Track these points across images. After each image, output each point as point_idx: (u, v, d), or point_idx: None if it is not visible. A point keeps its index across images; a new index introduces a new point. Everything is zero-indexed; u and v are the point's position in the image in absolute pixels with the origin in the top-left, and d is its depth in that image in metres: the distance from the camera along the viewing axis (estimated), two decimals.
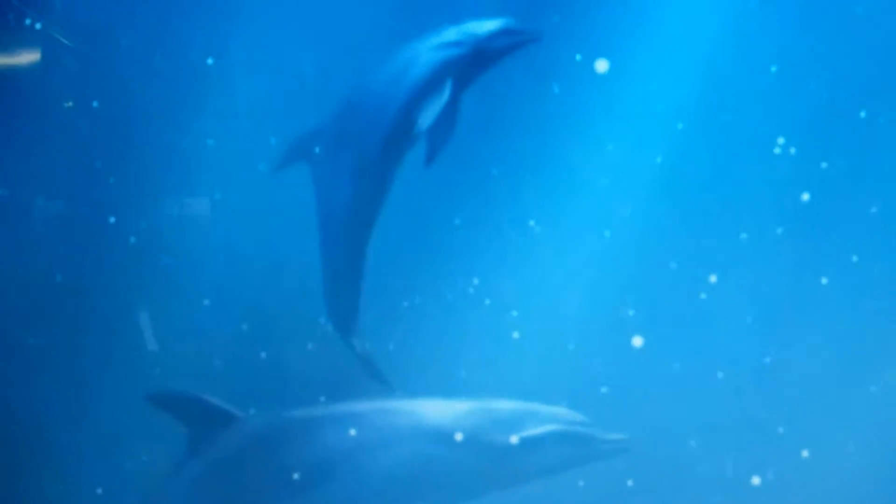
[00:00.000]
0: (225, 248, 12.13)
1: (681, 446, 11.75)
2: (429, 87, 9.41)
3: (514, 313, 11.99)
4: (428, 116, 9.32)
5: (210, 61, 11.97)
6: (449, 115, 9.40)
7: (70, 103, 12.38)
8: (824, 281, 12.17)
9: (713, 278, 11.99)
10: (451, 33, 9.51)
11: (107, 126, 12.24)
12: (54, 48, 12.39)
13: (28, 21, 12.26)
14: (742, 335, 12.14)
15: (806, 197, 12.06)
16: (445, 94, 9.35)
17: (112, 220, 12.22)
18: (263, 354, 11.59)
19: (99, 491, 10.77)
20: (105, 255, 12.16)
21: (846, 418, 11.74)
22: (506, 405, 9.41)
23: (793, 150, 12.15)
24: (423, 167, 9.57)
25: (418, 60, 9.50)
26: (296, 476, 9.06)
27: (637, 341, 11.36)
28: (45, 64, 12.45)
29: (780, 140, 12.13)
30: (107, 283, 11.99)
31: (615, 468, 10.04)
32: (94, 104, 12.30)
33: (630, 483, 11.07)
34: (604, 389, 11.42)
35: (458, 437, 9.15)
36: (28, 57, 12.45)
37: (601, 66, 11.29)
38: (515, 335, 11.74)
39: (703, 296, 12.05)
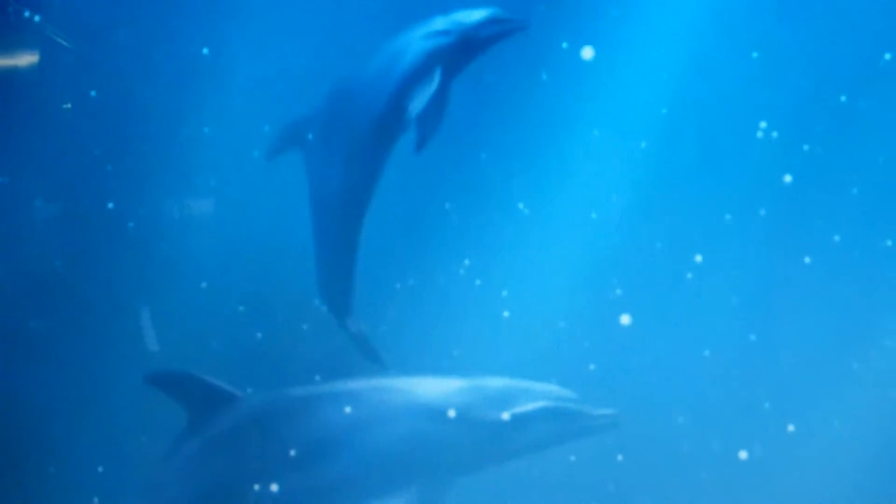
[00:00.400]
0: (222, 232, 12.20)
1: (669, 422, 11.80)
2: (419, 75, 9.48)
3: (505, 293, 12.03)
4: (418, 104, 9.41)
5: (206, 51, 12.04)
6: (438, 102, 9.49)
7: (68, 97, 12.40)
8: (807, 261, 12.21)
9: (698, 259, 12.06)
10: (440, 22, 9.59)
11: (104, 118, 12.25)
12: (52, 44, 12.47)
13: (26, 17, 12.26)
14: (727, 314, 12.19)
15: (788, 179, 12.15)
16: (435, 81, 9.43)
17: (111, 207, 12.30)
18: (260, 335, 11.67)
19: (100, 470, 10.88)
20: (104, 241, 12.22)
21: (830, 395, 11.82)
22: (497, 383, 9.51)
23: (775, 134, 12.23)
24: (414, 153, 9.71)
25: (408, 49, 9.58)
26: (293, 453, 9.17)
27: (625, 320, 11.41)
28: (42, 60, 12.52)
29: (763, 124, 12.21)
30: (106, 268, 12.03)
31: (605, 444, 10.08)
32: (93, 94, 12.31)
33: (619, 458, 11.15)
34: (593, 367, 11.46)
35: (451, 414, 9.25)
36: (26, 53, 12.53)
37: (587, 53, 11.34)
38: (506, 315, 11.81)
39: (688, 276, 12.12)
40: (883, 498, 11.55)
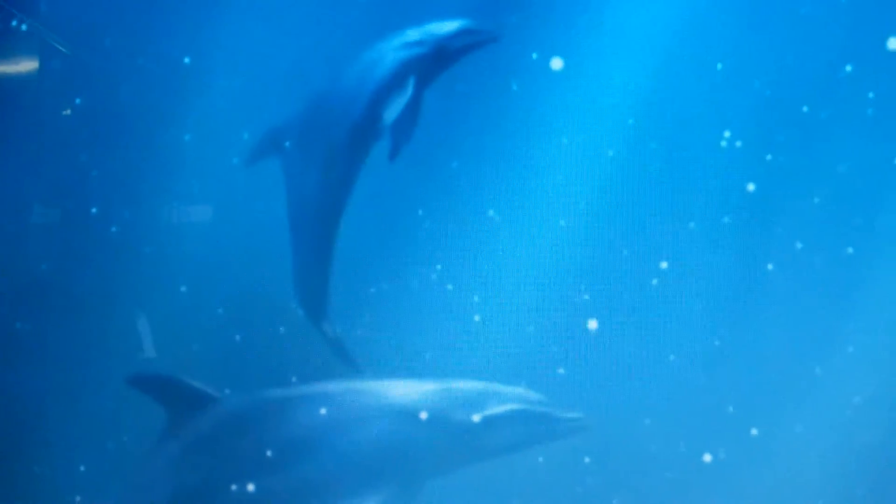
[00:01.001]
0: (202, 236, 12.26)
1: (635, 425, 11.81)
2: (393, 84, 9.68)
3: (476, 298, 12.01)
4: (392, 112, 9.62)
5: (187, 60, 12.10)
6: (412, 111, 9.71)
7: (54, 103, 12.50)
8: (770, 268, 12.30)
9: (664, 265, 12.13)
10: (413, 34, 9.80)
11: (90, 123, 12.33)
12: (42, 49, 12.54)
13: (14, 22, 12.33)
14: (692, 319, 12.20)
15: (752, 188, 12.25)
16: (409, 91, 9.64)
17: (95, 211, 12.36)
18: (238, 338, 11.70)
19: (82, 469, 10.96)
20: (88, 245, 12.28)
21: (793, 399, 11.96)
22: (468, 386, 9.67)
23: (739, 144, 12.32)
24: (388, 161, 9.87)
25: (383, 59, 9.75)
26: (269, 453, 9.31)
27: (592, 325, 11.56)
28: (31, 65, 12.59)
29: (727, 134, 12.29)
30: (89, 271, 12.07)
31: (572, 446, 10.26)
32: (77, 101, 12.45)
33: (587, 460, 11.28)
34: (561, 371, 11.55)
35: (424, 415, 9.43)
36: (15, 56, 12.64)
37: (556, 64, 11.53)
38: (477, 319, 11.85)
39: (654, 282, 12.17)
40: (844, 501, 11.69)
